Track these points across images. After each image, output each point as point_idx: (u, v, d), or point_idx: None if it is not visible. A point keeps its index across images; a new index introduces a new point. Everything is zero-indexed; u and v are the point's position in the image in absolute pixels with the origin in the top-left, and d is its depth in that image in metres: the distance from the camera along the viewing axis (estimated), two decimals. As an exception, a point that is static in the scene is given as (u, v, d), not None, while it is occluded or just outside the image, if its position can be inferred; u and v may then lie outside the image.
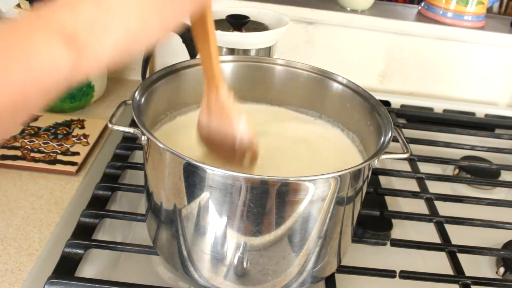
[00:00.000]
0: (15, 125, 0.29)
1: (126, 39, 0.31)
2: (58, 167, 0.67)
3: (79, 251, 0.52)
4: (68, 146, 0.71)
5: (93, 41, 0.30)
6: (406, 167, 0.75)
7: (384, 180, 0.73)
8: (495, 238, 0.65)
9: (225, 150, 0.45)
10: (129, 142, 0.71)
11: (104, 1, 0.30)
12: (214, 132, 0.45)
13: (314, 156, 0.56)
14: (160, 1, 0.31)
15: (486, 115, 0.99)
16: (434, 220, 0.64)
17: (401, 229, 0.65)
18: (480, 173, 0.78)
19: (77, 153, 0.70)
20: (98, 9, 0.29)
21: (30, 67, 0.27)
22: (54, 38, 0.28)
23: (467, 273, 0.56)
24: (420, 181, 0.72)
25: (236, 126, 0.44)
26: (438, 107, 0.99)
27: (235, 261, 0.46)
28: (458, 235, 0.62)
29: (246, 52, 0.72)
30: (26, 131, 0.74)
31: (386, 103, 0.96)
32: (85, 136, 0.74)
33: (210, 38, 0.41)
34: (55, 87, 0.29)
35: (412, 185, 0.71)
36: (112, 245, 0.53)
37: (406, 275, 0.54)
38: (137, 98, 0.49)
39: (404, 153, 0.50)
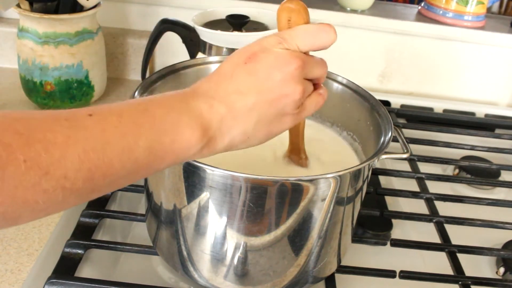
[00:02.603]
0: (144, 176, 0.36)
1: (240, 139, 0.38)
2: (58, 167, 0.67)
3: (79, 251, 0.52)
4: (68, 146, 0.71)
5: (218, 136, 0.36)
6: (406, 167, 0.75)
7: (384, 180, 0.73)
8: (495, 238, 0.65)
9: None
10: (129, 142, 0.71)
11: (234, 108, 0.36)
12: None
13: (314, 156, 0.56)
14: (271, 119, 0.38)
15: (486, 115, 0.99)
16: (434, 220, 0.64)
17: (401, 229, 0.65)
18: (480, 173, 0.78)
19: (77, 153, 0.70)
20: (229, 112, 0.36)
21: (174, 144, 0.34)
22: (195, 126, 0.35)
23: (467, 273, 0.56)
24: (420, 181, 0.71)
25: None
26: (438, 107, 0.99)
27: (235, 261, 0.46)
28: (458, 235, 0.62)
29: (246, 52, 0.72)
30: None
31: (386, 103, 0.96)
32: (85, 136, 0.74)
33: (300, 129, 0.51)
34: (181, 161, 0.36)
35: (412, 185, 0.71)
36: (112, 245, 0.53)
37: (406, 275, 0.54)
38: (137, 98, 0.49)
39: (404, 153, 0.50)
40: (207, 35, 0.72)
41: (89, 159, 0.30)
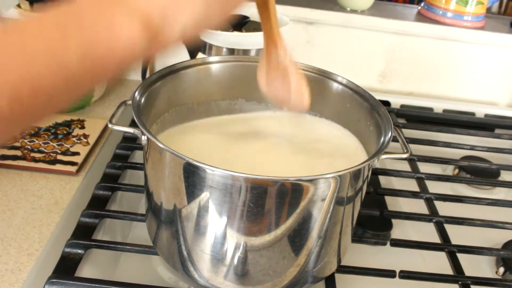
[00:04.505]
0: (87, 89, 0.32)
1: (192, 24, 0.34)
2: (58, 167, 0.67)
3: (79, 251, 0.52)
4: (68, 146, 0.71)
5: (164, 26, 0.33)
6: (406, 167, 0.75)
7: (384, 180, 0.73)
8: (495, 238, 0.65)
9: (282, 94, 0.49)
10: (129, 142, 0.71)
11: None
12: (274, 81, 0.49)
13: (314, 156, 0.56)
14: None
15: (486, 115, 0.99)
16: (434, 220, 0.64)
17: (401, 229, 0.65)
18: (480, 173, 0.78)
19: (77, 153, 0.70)
20: None
21: (112, 44, 0.30)
22: (134, 20, 0.31)
23: (467, 273, 0.56)
24: (420, 181, 0.72)
25: (291, 76, 0.47)
26: (438, 107, 0.99)
27: (235, 261, 0.46)
28: (458, 235, 0.62)
29: (246, 52, 0.72)
30: (26, 131, 0.74)
31: (386, 103, 0.96)
32: (85, 136, 0.74)
33: (270, 5, 0.44)
34: (127, 63, 0.33)
35: (412, 185, 0.71)
36: (112, 245, 0.53)
37: (406, 275, 0.54)
38: (137, 98, 0.49)
39: (404, 153, 0.50)
40: (207, 35, 0.72)
41: (13, 78, 0.26)
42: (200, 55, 0.75)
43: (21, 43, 0.27)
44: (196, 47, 0.75)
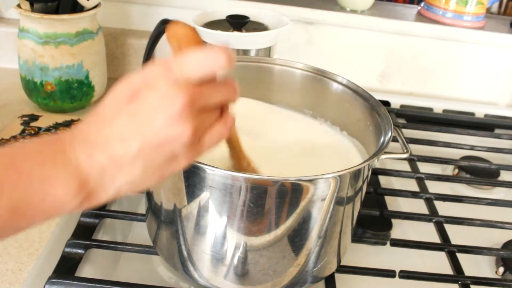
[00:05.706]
0: (8, 236, 0.33)
1: (127, 188, 0.35)
2: (58, 167, 0.67)
3: (80, 251, 0.52)
4: (68, 146, 0.71)
5: (99, 188, 0.34)
6: (406, 167, 0.75)
7: (384, 180, 0.73)
8: (495, 238, 0.65)
9: None
10: (129, 142, 0.71)
11: (117, 157, 0.33)
12: None
13: (314, 156, 0.56)
14: (160, 164, 0.35)
15: (486, 115, 0.99)
16: (433, 220, 0.64)
17: (401, 229, 0.65)
18: (480, 173, 0.78)
19: (77, 153, 0.70)
20: (111, 162, 0.33)
21: (45, 202, 0.32)
22: (72, 180, 0.32)
23: (467, 273, 0.56)
24: (420, 181, 0.72)
25: None
26: (438, 107, 0.99)
27: (235, 261, 0.46)
28: (457, 235, 0.62)
29: (246, 52, 0.72)
30: (26, 131, 0.74)
31: (386, 103, 0.96)
32: (85, 136, 0.74)
33: (233, 143, 0.46)
34: (55, 217, 0.34)
35: (411, 185, 0.71)
36: (112, 245, 0.54)
37: (406, 275, 0.54)
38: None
39: (404, 153, 0.50)
40: (207, 35, 0.72)
41: None
42: (200, 55, 0.74)
43: None
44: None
